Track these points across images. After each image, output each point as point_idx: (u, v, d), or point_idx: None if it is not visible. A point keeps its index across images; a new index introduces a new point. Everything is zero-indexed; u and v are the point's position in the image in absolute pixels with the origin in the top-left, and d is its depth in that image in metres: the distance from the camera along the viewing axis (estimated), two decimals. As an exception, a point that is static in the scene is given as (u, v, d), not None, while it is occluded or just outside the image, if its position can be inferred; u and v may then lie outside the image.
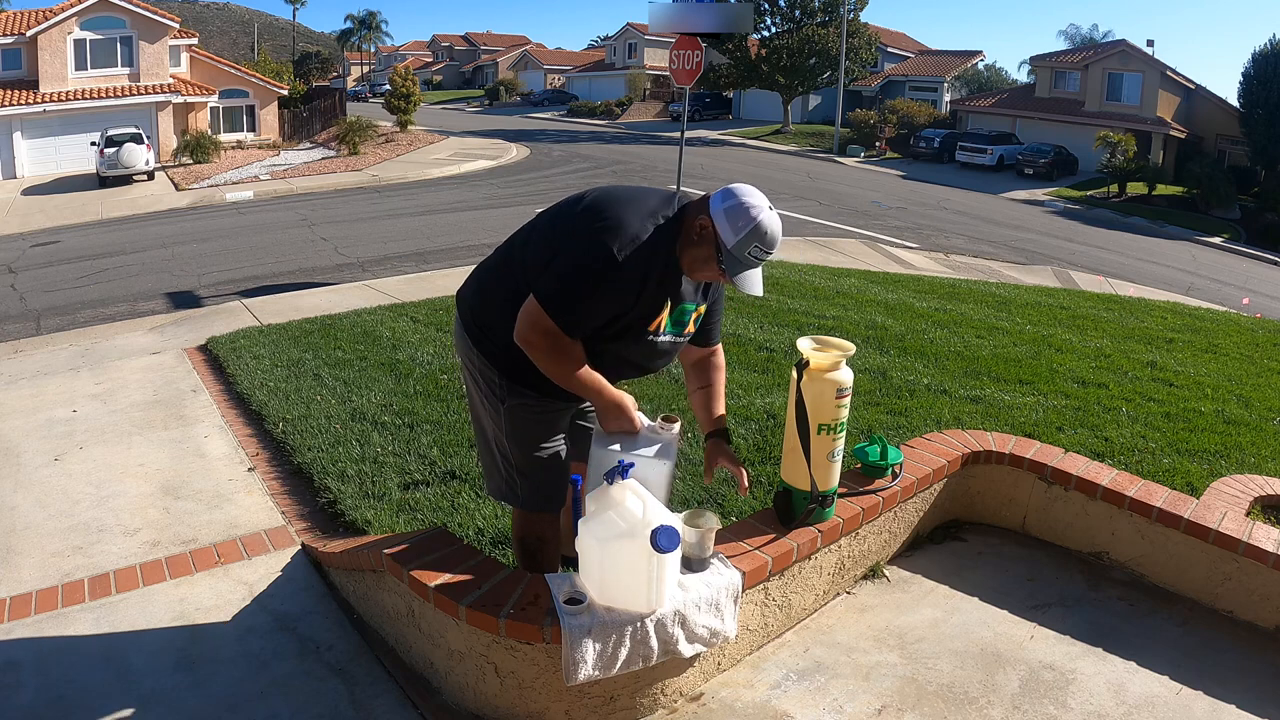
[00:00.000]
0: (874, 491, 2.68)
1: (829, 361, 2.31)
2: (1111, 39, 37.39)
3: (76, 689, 2.44)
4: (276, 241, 12.83)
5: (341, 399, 4.61)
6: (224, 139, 26.31)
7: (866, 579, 2.79)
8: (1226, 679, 2.33)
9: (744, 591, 2.24)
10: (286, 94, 30.74)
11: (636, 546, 1.93)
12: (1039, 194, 24.95)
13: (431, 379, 4.87)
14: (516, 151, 26.77)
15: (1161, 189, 25.85)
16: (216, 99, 27.60)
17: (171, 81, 25.82)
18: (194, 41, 28.89)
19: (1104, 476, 2.86)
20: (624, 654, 2.02)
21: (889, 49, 40.64)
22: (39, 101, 23.58)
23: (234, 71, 29.22)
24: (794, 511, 2.45)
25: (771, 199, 2.05)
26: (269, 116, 29.56)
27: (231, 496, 3.70)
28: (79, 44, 24.53)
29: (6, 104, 23.04)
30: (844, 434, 2.38)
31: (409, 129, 29.96)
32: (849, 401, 2.36)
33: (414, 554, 2.29)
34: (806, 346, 2.33)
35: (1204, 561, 2.64)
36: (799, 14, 34.21)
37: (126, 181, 20.86)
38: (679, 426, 2.28)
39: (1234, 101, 28.07)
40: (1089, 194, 25.46)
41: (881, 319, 6.32)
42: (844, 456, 2.45)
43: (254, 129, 29.27)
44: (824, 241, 13.22)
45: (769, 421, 3.99)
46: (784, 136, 34.67)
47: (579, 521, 2.04)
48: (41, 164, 23.59)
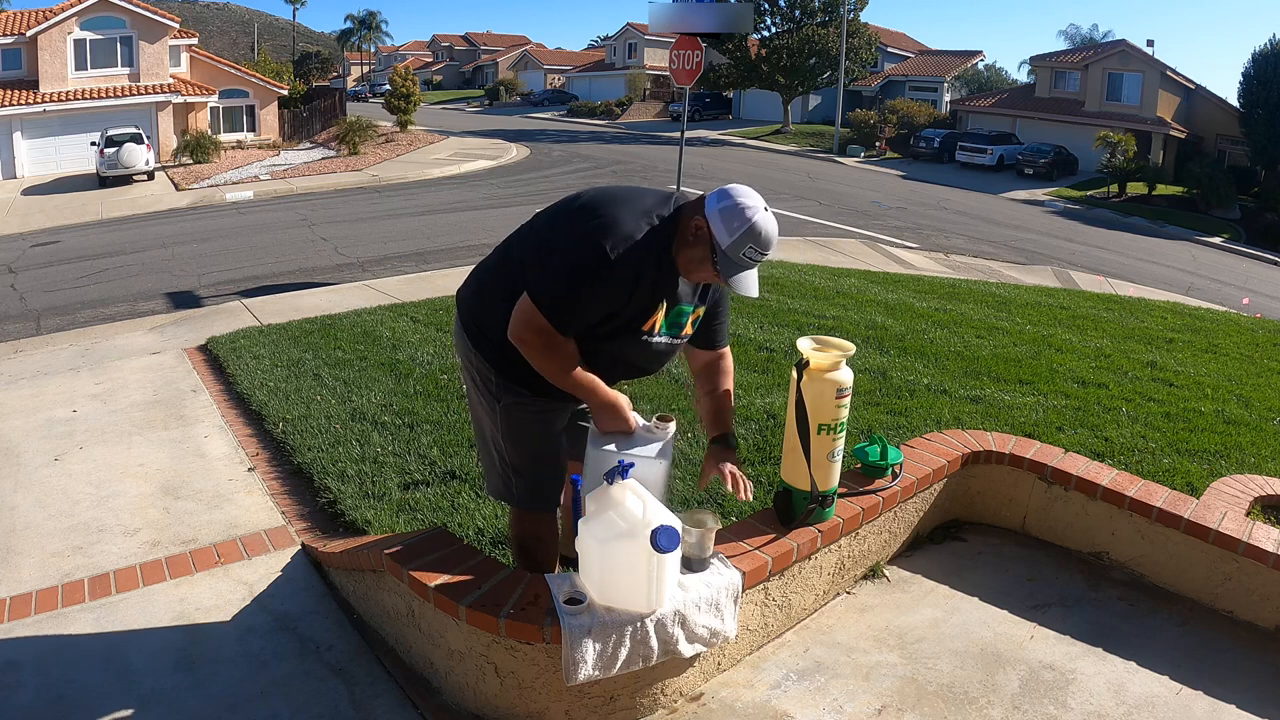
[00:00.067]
0: (874, 491, 2.68)
1: (829, 361, 2.31)
2: (1111, 39, 37.43)
3: (76, 689, 2.44)
4: (276, 241, 12.82)
5: (341, 399, 4.61)
6: (224, 139, 26.31)
7: (866, 579, 2.79)
8: (1226, 679, 2.33)
9: (744, 591, 2.25)
10: (286, 94, 30.74)
11: (636, 546, 1.93)
12: (1039, 194, 24.94)
13: (431, 379, 4.87)
14: (516, 151, 26.77)
15: (1161, 189, 25.85)
16: (216, 99, 27.60)
17: (171, 81, 25.82)
18: (194, 41, 28.89)
19: (1104, 476, 2.86)
20: (624, 654, 2.02)
21: (889, 49, 40.64)
22: (39, 101, 23.58)
23: (234, 71, 29.22)
24: (794, 511, 2.45)
25: (771, 199, 2.06)
26: (269, 116, 29.56)
27: (231, 496, 3.70)
28: (79, 44, 24.53)
29: (6, 104, 23.05)
30: (844, 434, 2.38)
31: (409, 129, 29.95)
32: (849, 401, 2.36)
33: (414, 554, 2.29)
34: (806, 346, 2.33)
35: (1204, 561, 2.64)
36: (799, 14, 34.21)
37: (126, 181, 20.85)
38: (674, 426, 2.28)
39: (1234, 101, 28.07)
40: (1089, 194, 25.46)
41: (881, 319, 6.32)
42: (844, 456, 2.45)
43: (254, 129, 29.26)
44: (824, 241, 13.22)
45: (769, 421, 3.99)
46: (784, 136, 34.66)
47: (579, 521, 2.04)
48: (41, 164, 23.59)
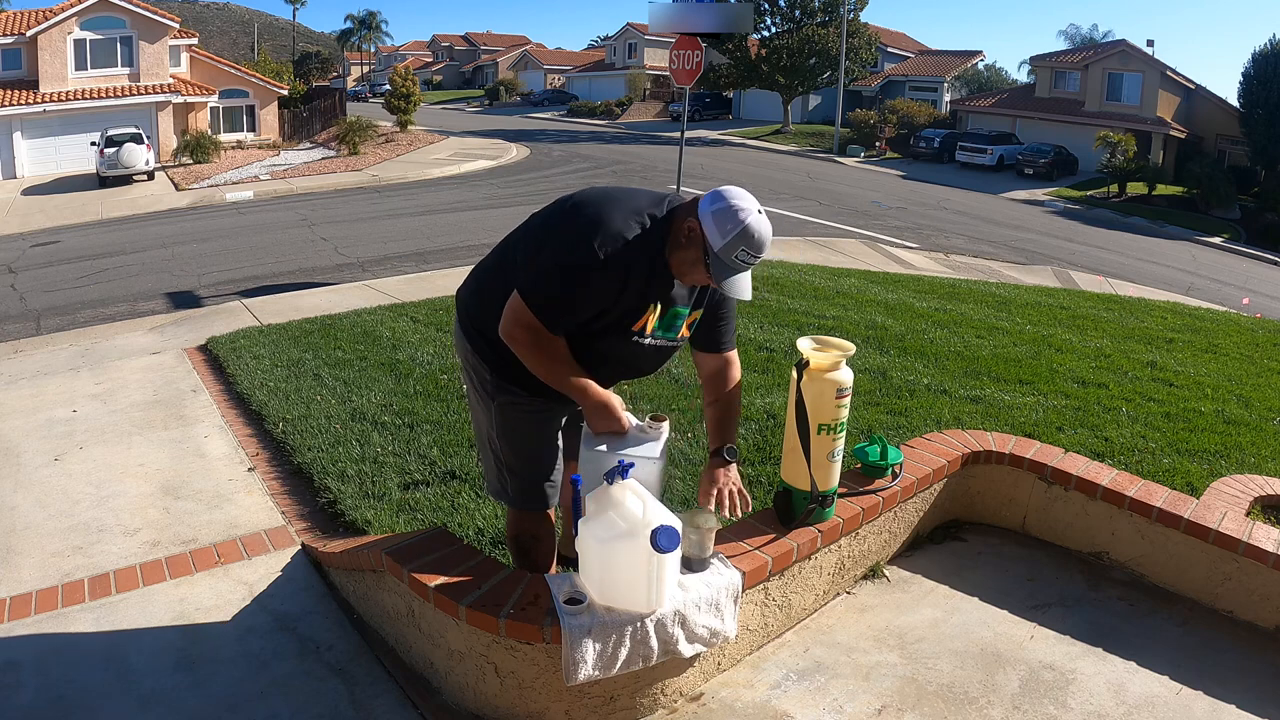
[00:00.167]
0: (874, 491, 2.68)
1: (829, 361, 2.31)
2: (1111, 39, 37.43)
3: (76, 689, 2.44)
4: (276, 241, 12.82)
5: (341, 399, 4.61)
6: (224, 139, 26.31)
7: (866, 579, 2.79)
8: (1226, 679, 2.33)
9: (744, 591, 2.25)
10: (286, 94, 30.74)
11: (636, 546, 1.93)
12: (1039, 194, 24.94)
13: (431, 379, 4.87)
14: (516, 151, 26.76)
15: (1161, 189, 25.85)
16: (216, 99, 27.60)
17: (171, 81, 25.82)
18: (194, 41, 28.89)
19: (1104, 476, 2.86)
20: (624, 654, 2.02)
21: (889, 49, 40.64)
22: (39, 101, 23.58)
23: (234, 71, 29.22)
24: (794, 511, 2.45)
25: (771, 199, 2.06)
26: (269, 116, 29.56)
27: (231, 496, 3.70)
28: (79, 44, 24.54)
29: (6, 104, 23.05)
30: (844, 434, 2.38)
31: (409, 129, 29.95)
32: (849, 401, 2.36)
33: (414, 554, 2.29)
34: (806, 346, 2.33)
35: (1204, 561, 2.64)
36: (799, 14, 34.21)
37: (126, 181, 20.85)
38: (668, 425, 2.27)
39: (1234, 101, 28.08)
40: (1089, 194, 25.46)
41: (881, 319, 6.32)
42: (844, 456, 2.45)
43: (254, 129, 29.26)
44: (824, 241, 13.22)
45: (769, 421, 3.99)
46: (784, 136, 34.66)
47: (579, 521, 2.04)
48: (41, 164, 23.59)
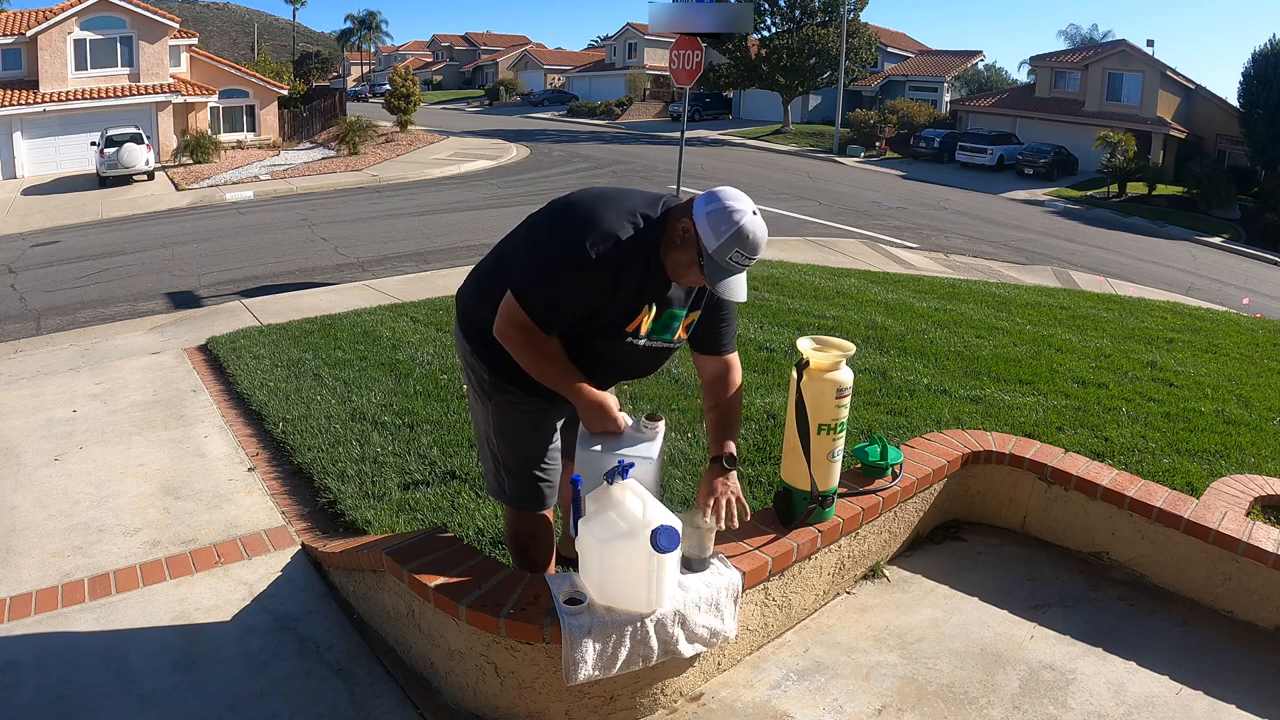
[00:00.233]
0: (874, 491, 2.68)
1: (829, 361, 2.31)
2: (1111, 39, 37.43)
3: (76, 689, 2.44)
4: (276, 241, 12.82)
5: (341, 399, 4.61)
6: (224, 139, 26.31)
7: (866, 579, 2.79)
8: (1226, 679, 2.33)
9: (744, 591, 2.25)
10: (286, 94, 30.73)
11: (636, 546, 1.93)
12: (1039, 194, 24.94)
13: (431, 379, 4.87)
14: (516, 151, 26.76)
15: (1161, 189, 25.85)
16: (216, 99, 27.60)
17: (171, 81, 25.82)
18: (194, 41, 28.89)
19: (1104, 476, 2.86)
20: (624, 654, 2.02)
21: (889, 49, 40.64)
22: (39, 101, 23.58)
23: (234, 71, 29.22)
24: (794, 511, 2.45)
25: (771, 199, 2.06)
26: (269, 116, 29.56)
27: (231, 496, 3.70)
28: (79, 44, 24.53)
29: (6, 104, 23.05)
30: (844, 434, 2.38)
31: (409, 129, 29.95)
32: (849, 401, 2.36)
33: (414, 554, 2.29)
34: (806, 346, 2.33)
35: (1204, 561, 2.64)
36: (799, 14, 34.21)
37: (126, 181, 20.84)
38: (663, 425, 2.27)
39: (1234, 101, 28.07)
40: (1089, 194, 25.46)
41: (881, 319, 6.32)
42: (844, 456, 2.45)
43: (254, 129, 29.26)
44: (824, 241, 13.22)
45: (769, 421, 3.99)
46: (784, 136, 34.66)
47: (579, 521, 2.04)
48: (41, 164, 23.59)
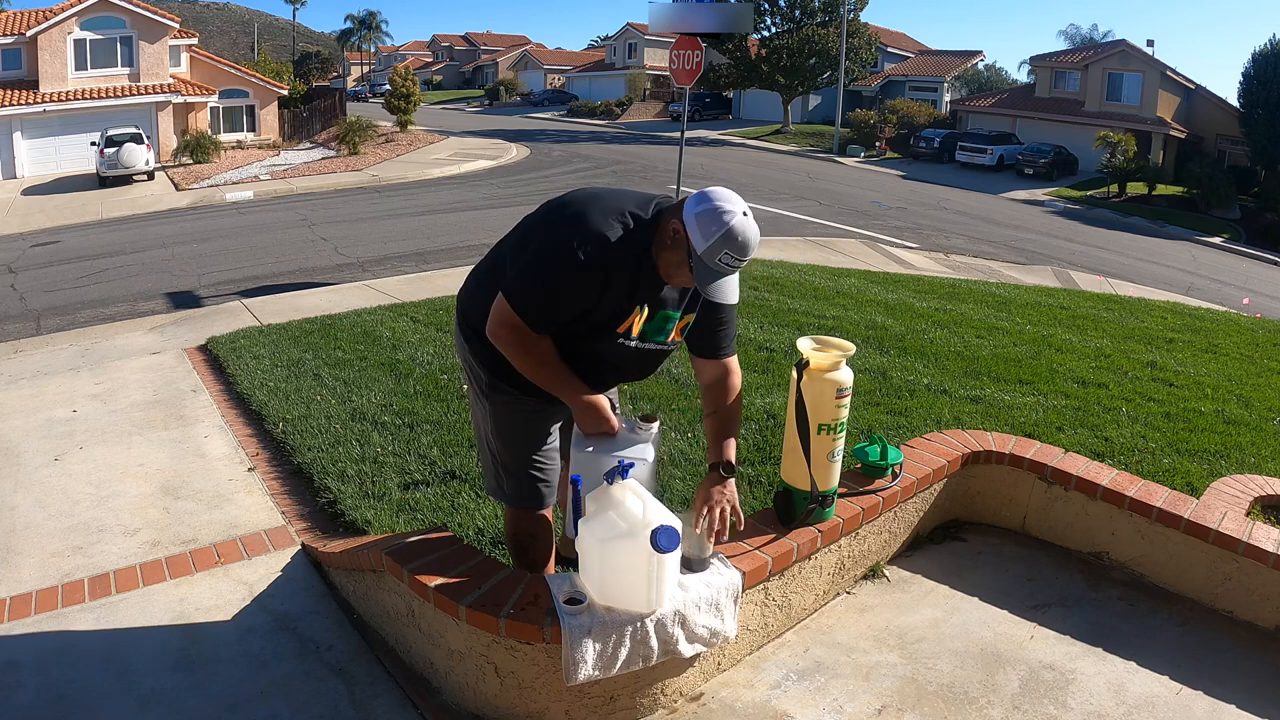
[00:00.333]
0: (874, 491, 2.68)
1: (829, 361, 2.31)
2: (1111, 39, 37.42)
3: (76, 689, 2.44)
4: (276, 241, 12.82)
5: (341, 399, 4.61)
6: (224, 139, 26.31)
7: (866, 579, 2.79)
8: (1226, 679, 2.33)
9: (744, 591, 2.25)
10: (286, 94, 30.73)
11: (636, 546, 1.93)
12: (1039, 194, 24.94)
13: (431, 379, 4.87)
14: (516, 151, 26.76)
15: (1161, 189, 25.84)
16: (216, 99, 27.60)
17: (171, 81, 25.81)
18: (194, 41, 28.88)
19: (1104, 476, 2.86)
20: (624, 654, 2.02)
21: (889, 49, 40.64)
22: (39, 101, 23.57)
23: (234, 71, 29.21)
24: (794, 511, 2.45)
25: (771, 199, 2.06)
26: (269, 116, 29.56)
27: (231, 496, 3.70)
28: (79, 44, 24.53)
29: (6, 104, 23.04)
30: (844, 434, 2.38)
31: (409, 129, 29.95)
32: (849, 401, 2.36)
33: (414, 554, 2.30)
34: (806, 346, 2.33)
35: (1204, 561, 2.65)
36: (799, 14, 34.21)
37: (126, 181, 20.84)
38: (658, 425, 2.27)
39: (1234, 101, 28.07)
40: (1089, 194, 25.46)
41: (881, 319, 6.32)
42: (844, 456, 2.45)
43: (254, 129, 29.26)
44: (824, 241, 13.22)
45: (769, 421, 3.99)
46: (784, 136, 34.66)
47: (579, 521, 2.04)
48: (41, 164, 23.59)
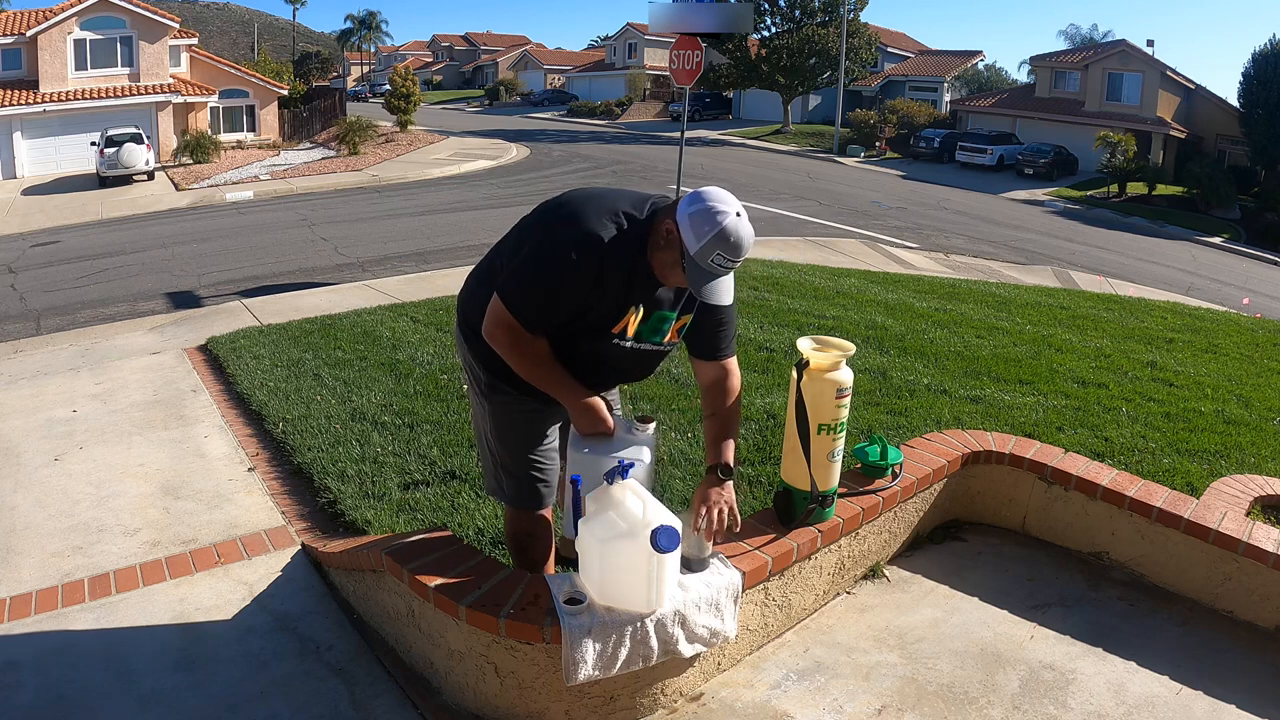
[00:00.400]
0: (874, 491, 2.68)
1: (829, 361, 2.31)
2: (1111, 39, 37.42)
3: (76, 689, 2.44)
4: (276, 241, 12.82)
5: (341, 399, 4.61)
6: (224, 139, 26.30)
7: (866, 579, 2.79)
8: (1226, 679, 2.33)
9: (744, 591, 2.25)
10: (286, 94, 30.73)
11: (636, 546, 1.93)
12: (1039, 194, 24.94)
13: (431, 379, 4.87)
14: (516, 151, 26.76)
15: (1161, 189, 25.84)
16: (216, 99, 27.59)
17: (171, 81, 25.81)
18: (194, 41, 28.88)
19: (1104, 476, 2.86)
20: (624, 654, 2.02)
21: (889, 49, 40.63)
22: (39, 101, 23.57)
23: (234, 71, 29.21)
24: (794, 511, 2.45)
25: (771, 199, 2.05)
26: (269, 116, 29.56)
27: (231, 496, 3.70)
28: (79, 44, 24.53)
29: (6, 104, 23.04)
30: (844, 434, 2.38)
31: (409, 129, 29.95)
32: (849, 401, 2.36)
33: (414, 554, 2.30)
34: (806, 346, 2.33)
35: (1204, 561, 2.65)
36: (799, 14, 34.21)
37: (126, 181, 20.84)
38: (654, 426, 2.26)
39: (1234, 101, 28.07)
40: (1089, 194, 25.46)
41: (881, 319, 6.32)
42: (844, 456, 2.45)
43: (254, 129, 29.26)
44: (824, 241, 13.22)
45: (769, 421, 3.99)
46: (784, 136, 34.66)
47: (579, 521, 2.04)
48: (41, 164, 23.58)
